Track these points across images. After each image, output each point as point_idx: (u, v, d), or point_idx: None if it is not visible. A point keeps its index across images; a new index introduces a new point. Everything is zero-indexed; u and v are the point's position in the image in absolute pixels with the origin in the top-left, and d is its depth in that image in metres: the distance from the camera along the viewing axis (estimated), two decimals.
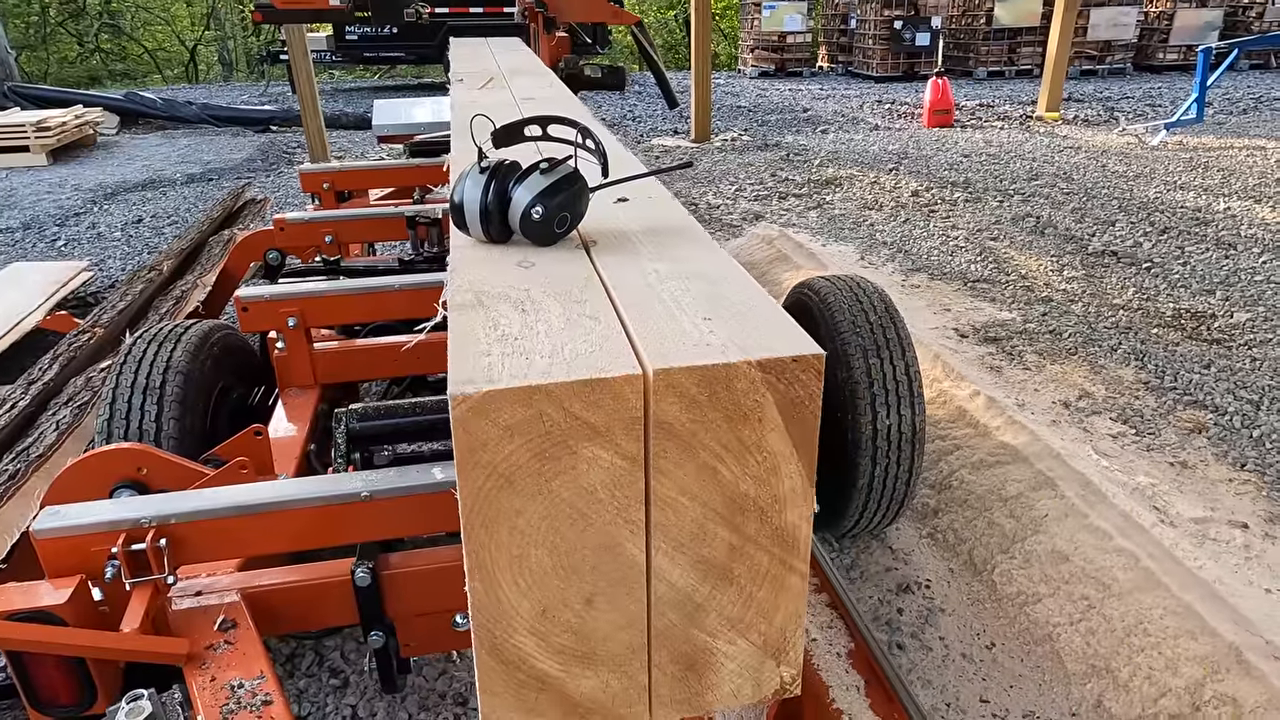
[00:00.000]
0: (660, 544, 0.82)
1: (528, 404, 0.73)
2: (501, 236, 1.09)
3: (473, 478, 0.74)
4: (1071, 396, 3.38)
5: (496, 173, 1.06)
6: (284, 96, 13.27)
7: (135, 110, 10.64)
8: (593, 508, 0.78)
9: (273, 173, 7.98)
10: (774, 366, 0.78)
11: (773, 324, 0.85)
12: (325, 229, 2.94)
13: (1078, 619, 2.09)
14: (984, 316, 4.18)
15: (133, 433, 1.98)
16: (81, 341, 2.60)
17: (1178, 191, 6.34)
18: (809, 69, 15.50)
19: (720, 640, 0.87)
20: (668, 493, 0.80)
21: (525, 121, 1.20)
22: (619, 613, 0.83)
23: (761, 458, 0.81)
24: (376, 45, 13.31)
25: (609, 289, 0.95)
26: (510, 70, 2.94)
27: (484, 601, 0.79)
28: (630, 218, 1.21)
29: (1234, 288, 4.45)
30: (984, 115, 10.22)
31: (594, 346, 0.80)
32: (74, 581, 1.30)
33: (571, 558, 0.80)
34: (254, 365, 2.42)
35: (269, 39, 14.61)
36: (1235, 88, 11.76)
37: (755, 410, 0.79)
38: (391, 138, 5.07)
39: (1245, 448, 3.00)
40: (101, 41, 23.41)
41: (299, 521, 1.38)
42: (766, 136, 9.19)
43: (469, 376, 0.74)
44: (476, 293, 0.94)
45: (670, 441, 0.78)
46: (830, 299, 2.20)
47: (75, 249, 5.72)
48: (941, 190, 6.59)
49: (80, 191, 7.31)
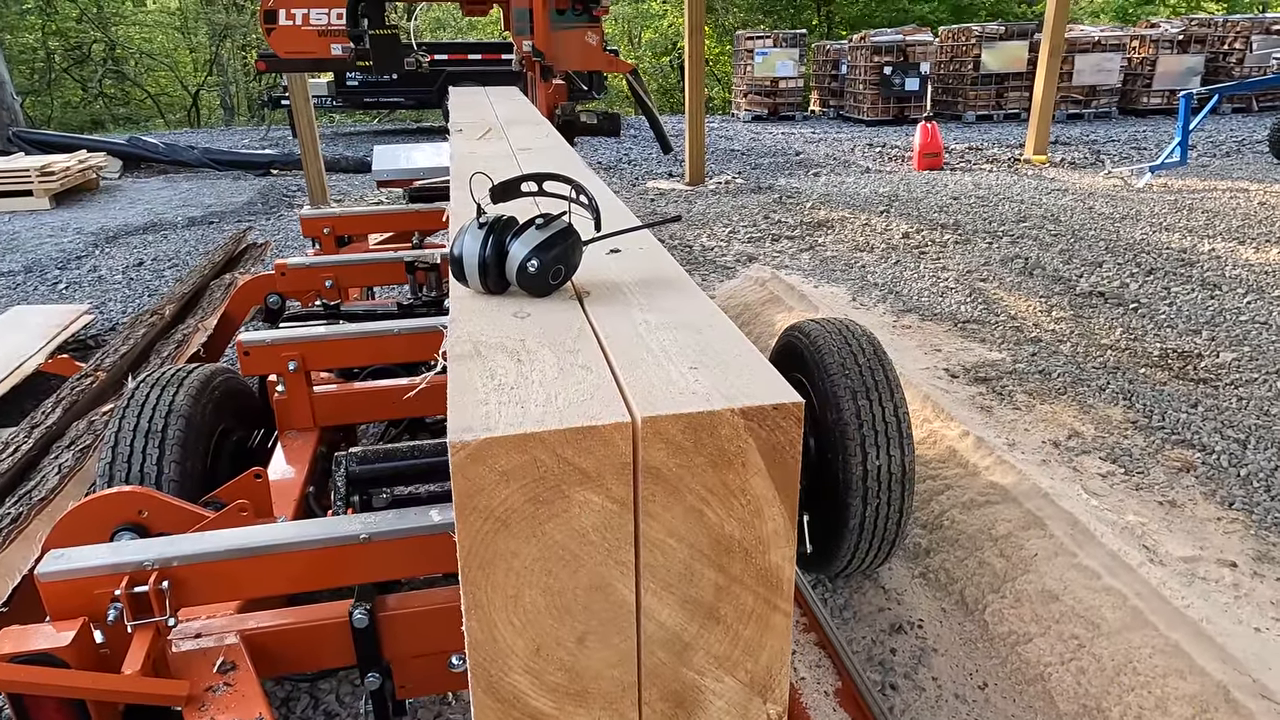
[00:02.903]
0: (649, 584, 0.85)
1: (523, 450, 0.78)
2: (499, 288, 1.14)
3: (470, 521, 0.78)
4: (1061, 436, 3.43)
5: (494, 228, 1.11)
6: (284, 140, 13.49)
7: (138, 154, 10.81)
8: (584, 549, 0.82)
9: (273, 216, 8.09)
10: (756, 414, 0.82)
11: (755, 372, 0.90)
12: (325, 274, 3.00)
13: (1068, 658, 2.11)
14: (974, 357, 4.24)
15: (134, 476, 2.01)
16: (84, 385, 2.64)
17: (1163, 233, 6.46)
18: (801, 113, 15.80)
19: (708, 678, 0.90)
20: (656, 535, 0.84)
21: (522, 178, 1.26)
22: (610, 651, 0.86)
23: (745, 501, 0.85)
24: (377, 91, 13.57)
25: (600, 339, 1.00)
26: (508, 120, 3.02)
27: (480, 640, 0.82)
28: (622, 269, 1.27)
29: (1219, 327, 4.52)
30: (972, 158, 10.42)
31: (586, 395, 0.85)
32: (77, 624, 1.32)
33: (564, 598, 0.83)
34: (254, 408, 2.46)
35: (270, 84, 14.87)
36: (1218, 131, 12.01)
37: (739, 455, 0.83)
38: (390, 182, 5.17)
39: (1233, 486, 3.04)
40: (105, 87, 23.81)
41: (299, 564, 1.41)
42: (760, 179, 9.35)
43: (467, 424, 0.78)
44: (475, 343, 0.98)
45: (658, 486, 0.82)
46: (820, 341, 2.25)
47: (76, 292, 5.78)
48: (932, 232, 6.70)
49: (82, 235, 7.40)
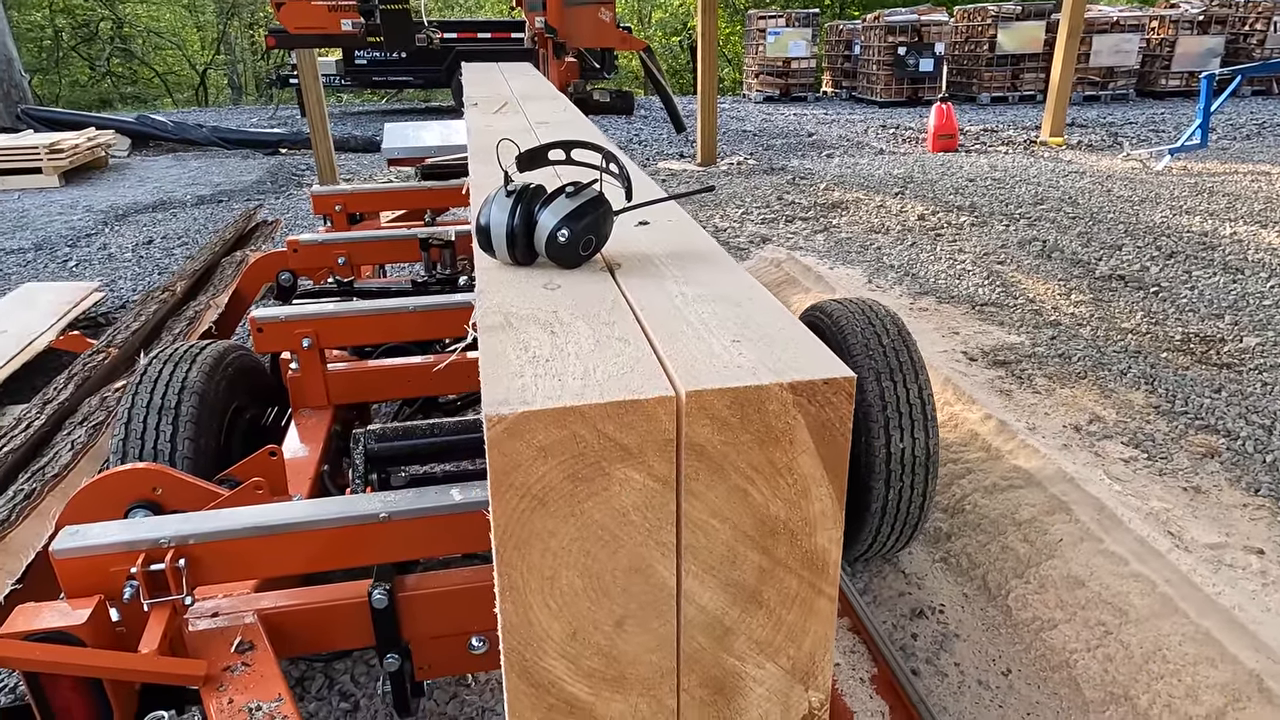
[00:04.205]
0: (691, 566, 0.81)
1: (562, 425, 0.74)
2: (526, 259, 1.10)
3: (506, 499, 0.75)
4: (1082, 420, 3.38)
5: (522, 196, 1.07)
6: (293, 119, 13.42)
7: (147, 133, 10.76)
8: (624, 529, 0.78)
9: (282, 195, 8.04)
10: (805, 389, 0.78)
11: (802, 346, 0.86)
12: (338, 251, 2.96)
13: (1095, 645, 2.07)
14: (993, 340, 4.18)
15: (147, 453, 1.98)
16: (96, 361, 2.61)
17: (1183, 216, 6.36)
18: (813, 94, 15.64)
19: (749, 664, 0.87)
20: (699, 515, 0.80)
21: (549, 146, 1.21)
22: (649, 635, 0.83)
23: (792, 480, 0.81)
24: (385, 70, 13.47)
25: (636, 311, 0.95)
26: (523, 95, 2.97)
27: (515, 623, 0.79)
28: (652, 241, 1.22)
29: (1242, 312, 4.45)
30: (988, 140, 10.29)
31: (625, 368, 0.80)
32: (93, 602, 1.30)
33: (602, 579, 0.79)
34: (267, 385, 2.43)
35: (278, 62, 14.78)
36: (1238, 113, 11.83)
37: (786, 432, 0.79)
38: (401, 160, 5.12)
39: (1259, 473, 2.99)
40: (113, 65, 23.73)
41: (317, 543, 1.38)
42: (772, 160, 9.25)
43: (503, 398, 0.74)
44: (505, 314, 0.94)
45: (702, 463, 0.78)
46: (843, 322, 2.20)
47: (86, 270, 5.76)
48: (947, 214, 6.62)
49: (91, 213, 7.37)
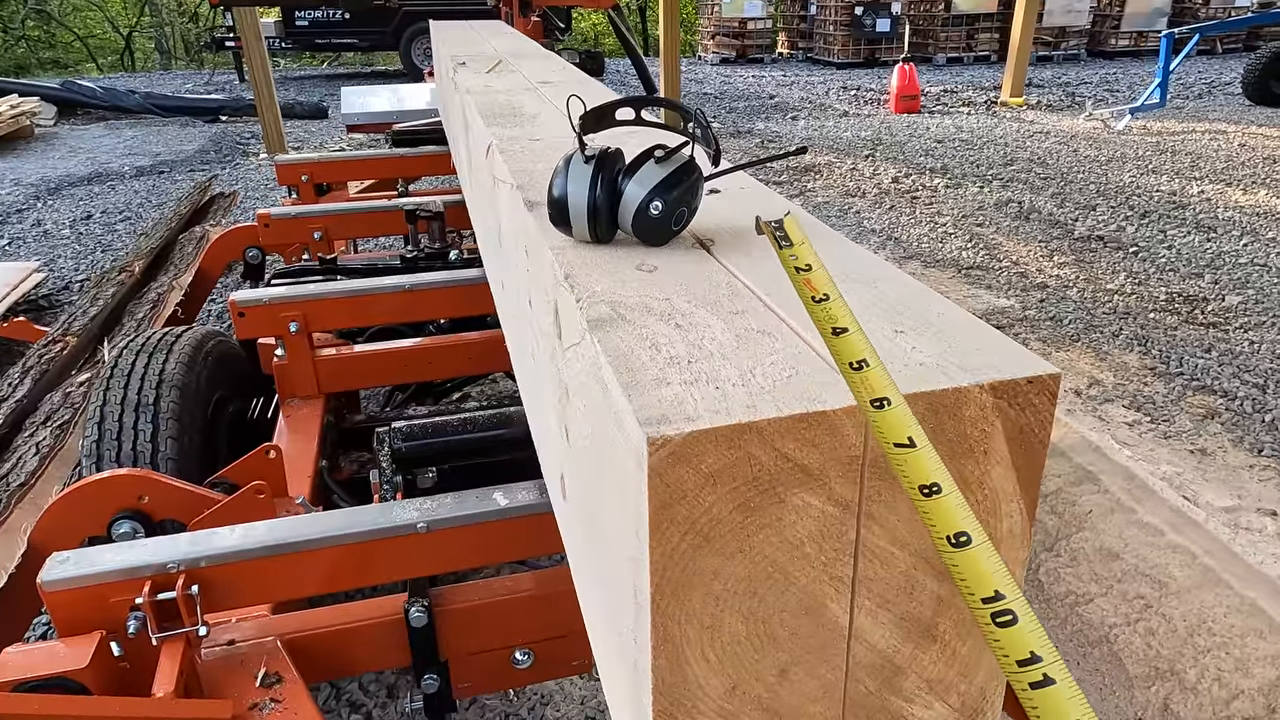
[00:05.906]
0: (864, 601, 0.69)
1: (734, 446, 0.60)
2: (607, 235, 0.95)
3: (667, 536, 0.61)
4: (1082, 384, 3.35)
5: (604, 163, 0.92)
6: (230, 84, 12.77)
7: (74, 100, 10.10)
8: (797, 564, 0.65)
9: (228, 165, 7.62)
10: (1007, 390, 0.66)
11: (979, 336, 0.73)
12: (314, 225, 2.74)
13: (1135, 619, 2.03)
14: (983, 304, 4.14)
15: (126, 455, 1.79)
16: (54, 352, 2.37)
17: (1151, 175, 6.41)
18: (769, 55, 15.45)
19: (916, 705, 0.75)
20: (878, 542, 0.67)
21: (616, 104, 1.05)
22: (815, 683, 0.70)
23: (982, 496, 0.69)
24: (329, 31, 12.84)
25: (761, 297, 0.81)
26: (511, 53, 2.76)
27: (669, 682, 0.65)
28: (736, 212, 1.08)
29: (1220, 270, 4.48)
30: (949, 101, 10.27)
31: (788, 370, 0.67)
32: (93, 640, 1.12)
33: (769, 624, 0.66)
34: (250, 375, 2.23)
35: (210, 24, 14.02)
36: (1187, 73, 12.02)
37: (981, 441, 0.67)
38: (361, 126, 4.84)
39: (1260, 433, 2.99)
40: (29, 29, 22.31)
41: (349, 559, 1.23)
42: (737, 124, 9.09)
43: (661, 413, 0.60)
44: (610, 303, 0.80)
45: (883, 482, 0.65)
46: None
47: (21, 249, 5.37)
48: (920, 176, 6.56)
49: (21, 186, 6.88)
